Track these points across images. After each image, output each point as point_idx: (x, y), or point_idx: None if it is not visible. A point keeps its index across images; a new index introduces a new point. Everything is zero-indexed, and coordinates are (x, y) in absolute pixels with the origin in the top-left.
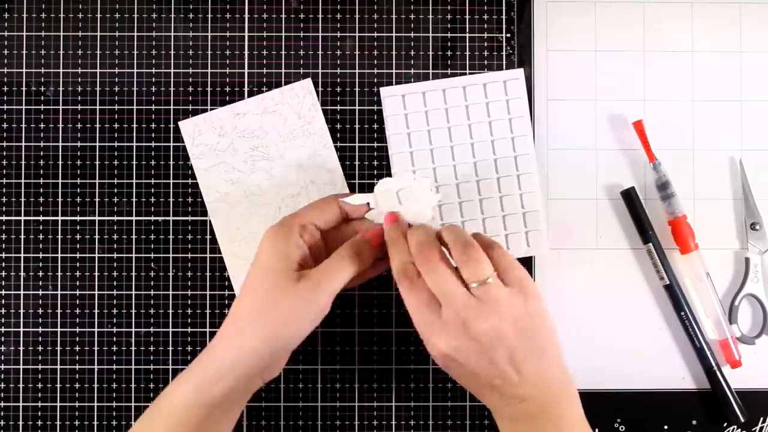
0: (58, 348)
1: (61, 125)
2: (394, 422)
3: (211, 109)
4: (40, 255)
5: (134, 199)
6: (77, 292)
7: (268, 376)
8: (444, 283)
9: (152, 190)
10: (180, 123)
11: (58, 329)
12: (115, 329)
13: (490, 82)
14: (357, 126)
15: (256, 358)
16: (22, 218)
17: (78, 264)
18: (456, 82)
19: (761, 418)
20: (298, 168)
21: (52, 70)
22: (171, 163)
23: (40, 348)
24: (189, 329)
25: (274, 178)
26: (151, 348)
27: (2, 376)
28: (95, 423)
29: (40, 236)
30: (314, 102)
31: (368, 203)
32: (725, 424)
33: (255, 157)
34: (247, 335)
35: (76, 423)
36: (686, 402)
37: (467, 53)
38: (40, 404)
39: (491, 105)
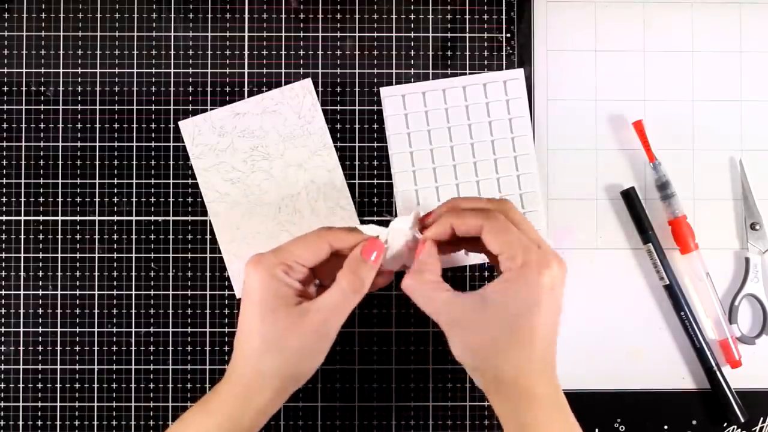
0: (58, 348)
1: (61, 125)
2: (394, 422)
3: (211, 109)
4: (40, 255)
5: (134, 199)
6: (77, 292)
7: (276, 408)
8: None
9: (152, 190)
10: (180, 123)
11: (58, 329)
12: (115, 329)
13: (490, 82)
14: (357, 126)
15: (273, 397)
16: (22, 218)
17: (78, 264)
18: (456, 82)
19: (761, 418)
20: (298, 168)
21: (52, 70)
22: (171, 163)
23: (40, 348)
24: (189, 329)
25: (274, 178)
26: (151, 348)
27: (2, 376)
28: (95, 423)
29: (40, 236)
30: (314, 102)
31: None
32: (725, 424)
33: (255, 156)
34: (264, 376)
35: (76, 423)
36: (686, 402)
37: (467, 53)
38: (40, 404)
39: (491, 105)
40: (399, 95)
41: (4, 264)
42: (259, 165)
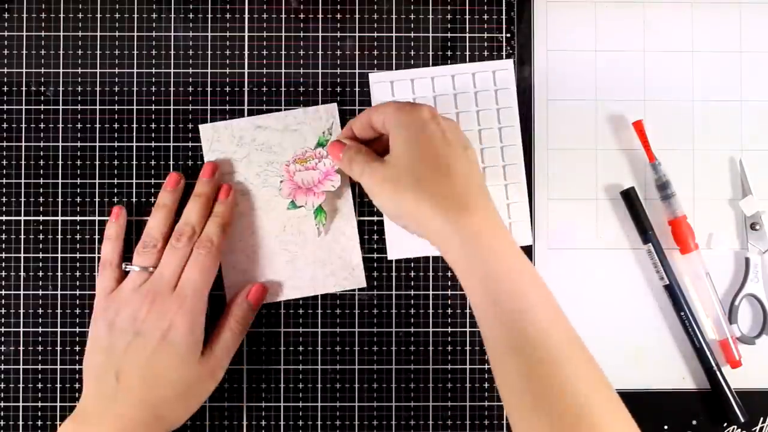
0: (58, 348)
1: (61, 125)
2: (394, 422)
3: (211, 109)
4: (40, 255)
5: (134, 199)
6: (77, 292)
7: None
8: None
9: (152, 190)
10: (200, 126)
11: (58, 329)
12: None
13: (479, 71)
14: None
15: None
16: (22, 218)
17: (78, 264)
18: (445, 70)
19: (761, 418)
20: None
21: (52, 70)
22: (171, 163)
23: (40, 348)
24: None
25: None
26: None
27: (2, 376)
28: None
29: (40, 236)
30: (336, 126)
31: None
32: (725, 424)
33: (269, 172)
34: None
35: None
36: (686, 402)
37: (467, 53)
38: (40, 404)
39: (479, 94)
40: (387, 81)
41: (4, 264)
42: (271, 181)
